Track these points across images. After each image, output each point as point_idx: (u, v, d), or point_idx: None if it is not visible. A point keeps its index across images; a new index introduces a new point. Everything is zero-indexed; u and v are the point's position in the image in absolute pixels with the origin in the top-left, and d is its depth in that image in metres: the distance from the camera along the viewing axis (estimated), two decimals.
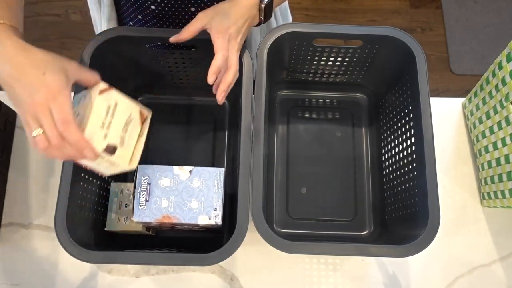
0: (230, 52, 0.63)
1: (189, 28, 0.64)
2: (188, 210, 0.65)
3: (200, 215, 0.65)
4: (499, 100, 0.74)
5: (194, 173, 0.67)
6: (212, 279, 0.78)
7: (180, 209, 0.65)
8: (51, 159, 0.83)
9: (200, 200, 0.66)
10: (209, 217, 0.65)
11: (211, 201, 0.66)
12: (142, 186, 0.66)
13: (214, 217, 0.65)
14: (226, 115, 0.88)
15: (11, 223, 0.80)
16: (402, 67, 0.76)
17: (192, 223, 0.65)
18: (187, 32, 0.64)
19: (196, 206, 0.66)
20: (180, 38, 0.64)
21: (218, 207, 0.66)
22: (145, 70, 0.81)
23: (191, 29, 0.63)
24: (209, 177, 0.67)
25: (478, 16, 1.91)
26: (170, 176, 0.67)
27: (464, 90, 1.78)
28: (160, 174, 0.67)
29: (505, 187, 0.73)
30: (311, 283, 0.78)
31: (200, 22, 0.63)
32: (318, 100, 0.91)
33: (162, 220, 0.65)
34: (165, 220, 0.65)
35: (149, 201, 0.66)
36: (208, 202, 0.66)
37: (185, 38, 0.64)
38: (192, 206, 0.66)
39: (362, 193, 0.84)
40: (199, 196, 0.66)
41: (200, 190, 0.66)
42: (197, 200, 0.66)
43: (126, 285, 0.77)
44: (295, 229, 0.81)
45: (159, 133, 0.86)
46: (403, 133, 0.76)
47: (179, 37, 0.64)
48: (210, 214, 0.65)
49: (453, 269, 0.80)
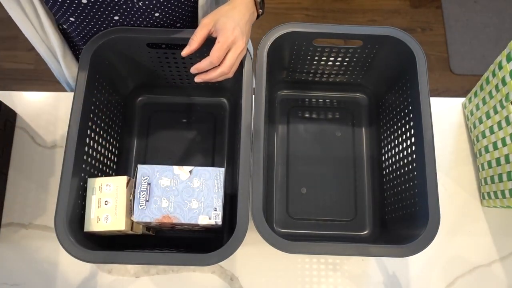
0: (230, 55, 0.64)
1: (197, 37, 0.64)
2: (188, 210, 0.65)
3: (200, 215, 0.65)
4: (499, 100, 0.74)
5: (194, 173, 0.67)
6: (212, 279, 0.78)
7: (180, 209, 0.65)
8: (51, 159, 0.83)
9: (200, 200, 0.66)
10: (209, 217, 0.65)
11: (211, 201, 0.66)
12: (142, 186, 0.66)
13: (214, 217, 0.65)
14: (226, 115, 0.88)
15: (11, 223, 0.80)
16: (402, 67, 0.76)
17: (192, 223, 0.65)
18: (196, 42, 0.64)
19: (196, 206, 0.66)
20: (191, 50, 0.65)
21: (218, 207, 0.66)
22: (145, 70, 0.81)
23: (198, 37, 0.64)
24: (209, 177, 0.67)
25: (478, 16, 1.91)
26: (170, 176, 0.67)
27: (464, 90, 1.78)
28: (160, 174, 0.67)
29: (505, 187, 0.73)
30: (311, 283, 0.78)
31: (206, 28, 0.64)
32: (318, 100, 0.91)
33: (162, 220, 0.65)
34: (165, 220, 0.65)
35: (149, 201, 0.66)
36: (208, 202, 0.66)
37: (195, 48, 0.65)
38: (192, 206, 0.66)
39: (362, 193, 0.84)
40: (199, 196, 0.66)
41: (200, 190, 0.66)
42: (197, 200, 0.66)
43: (126, 285, 0.77)
44: (295, 229, 0.81)
45: (159, 133, 0.86)
46: (403, 133, 0.76)
47: (190, 49, 0.65)
48: (210, 214, 0.65)
49: (453, 269, 0.80)
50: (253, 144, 0.66)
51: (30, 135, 0.85)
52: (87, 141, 0.69)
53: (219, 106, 0.88)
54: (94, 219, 0.66)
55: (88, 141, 0.70)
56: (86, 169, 0.69)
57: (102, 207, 0.67)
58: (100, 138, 0.74)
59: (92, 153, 0.71)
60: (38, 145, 0.85)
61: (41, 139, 0.85)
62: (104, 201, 0.67)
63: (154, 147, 0.84)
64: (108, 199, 0.67)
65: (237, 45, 0.64)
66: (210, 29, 0.65)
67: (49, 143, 0.85)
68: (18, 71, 1.77)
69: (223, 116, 0.87)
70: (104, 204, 0.67)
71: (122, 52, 0.74)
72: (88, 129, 0.70)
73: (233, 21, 0.64)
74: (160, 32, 0.72)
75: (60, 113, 0.87)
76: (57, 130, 0.86)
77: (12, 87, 1.75)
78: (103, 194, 0.67)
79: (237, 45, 0.64)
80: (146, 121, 0.87)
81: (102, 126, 0.75)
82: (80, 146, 0.66)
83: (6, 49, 1.80)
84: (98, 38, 0.70)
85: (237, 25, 0.64)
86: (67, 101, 0.87)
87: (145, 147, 0.85)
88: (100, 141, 0.74)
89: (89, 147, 0.70)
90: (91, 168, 0.71)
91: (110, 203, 0.67)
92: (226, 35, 0.63)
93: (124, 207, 0.66)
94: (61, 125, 0.86)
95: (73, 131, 0.66)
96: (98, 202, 0.67)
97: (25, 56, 1.79)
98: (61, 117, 0.86)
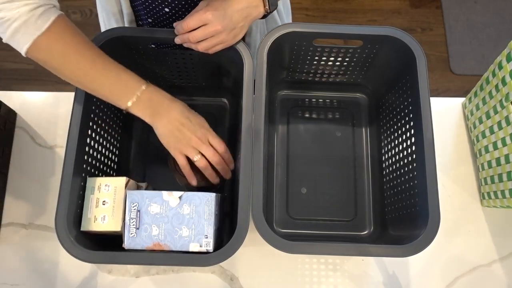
0: (200, 29, 0.65)
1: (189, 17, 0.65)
2: (179, 238, 0.64)
3: (191, 242, 0.63)
4: (499, 100, 0.74)
5: (184, 199, 0.65)
6: (212, 279, 0.78)
7: (170, 237, 0.64)
8: (51, 159, 0.83)
9: (190, 228, 0.64)
10: (200, 244, 0.63)
11: (202, 228, 0.64)
12: (132, 213, 0.64)
13: (205, 245, 0.63)
14: (226, 115, 0.88)
15: (11, 223, 0.80)
16: (402, 67, 0.76)
17: (183, 250, 0.64)
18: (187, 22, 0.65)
19: (187, 233, 0.64)
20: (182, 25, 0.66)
21: (209, 235, 0.64)
22: (145, 70, 0.81)
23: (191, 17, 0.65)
24: (200, 203, 0.65)
25: (478, 16, 1.91)
26: (159, 203, 0.65)
27: (464, 90, 1.78)
28: (149, 201, 0.65)
29: (505, 187, 0.73)
30: (311, 283, 0.78)
31: (199, 7, 0.66)
32: (318, 100, 0.91)
33: (153, 247, 0.63)
34: (156, 247, 0.63)
35: (139, 228, 0.64)
36: (199, 229, 0.64)
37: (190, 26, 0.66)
38: (182, 234, 0.64)
39: (362, 193, 0.84)
40: (190, 223, 0.64)
41: (191, 217, 0.64)
42: (187, 228, 0.64)
43: (126, 285, 0.77)
44: (295, 229, 0.81)
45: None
46: (403, 133, 0.76)
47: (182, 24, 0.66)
48: (201, 241, 0.63)
49: (453, 269, 0.80)
50: (253, 144, 0.66)
51: (30, 135, 0.85)
52: (87, 141, 0.69)
53: (219, 106, 0.88)
54: (91, 219, 0.66)
55: (89, 141, 0.70)
56: (86, 169, 0.69)
57: (100, 207, 0.66)
58: (101, 138, 0.74)
59: (92, 153, 0.71)
60: (38, 145, 0.85)
61: (41, 139, 0.85)
62: (102, 201, 0.67)
63: (155, 147, 0.84)
64: (106, 199, 0.67)
65: (212, 24, 0.64)
66: (203, 6, 0.65)
67: (49, 143, 0.85)
68: (18, 71, 1.77)
69: (223, 116, 0.87)
70: (102, 204, 0.67)
71: (123, 52, 0.74)
72: (89, 129, 0.70)
73: (221, 4, 0.64)
74: (162, 32, 0.71)
75: (60, 113, 0.87)
76: (57, 130, 0.86)
77: (12, 87, 1.75)
78: (101, 194, 0.67)
79: (213, 24, 0.64)
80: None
81: (103, 126, 0.75)
82: (81, 146, 0.66)
83: (6, 49, 1.80)
84: (99, 38, 0.70)
85: (223, 8, 0.64)
86: (67, 101, 0.87)
87: (146, 147, 0.85)
88: (101, 141, 0.74)
89: (89, 147, 0.70)
90: (92, 168, 0.71)
91: (108, 203, 0.66)
92: (205, 10, 0.64)
93: (121, 209, 0.66)
94: (61, 125, 0.86)
95: (74, 131, 0.66)
96: (96, 201, 0.67)
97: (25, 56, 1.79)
98: (61, 117, 0.86)
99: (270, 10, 0.69)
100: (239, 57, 0.71)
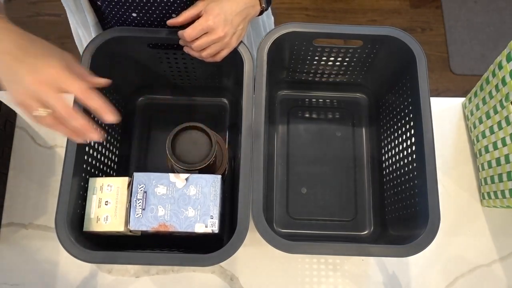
0: (204, 38, 0.64)
1: (186, 13, 0.65)
2: (185, 218, 0.64)
3: (196, 223, 0.64)
4: (499, 100, 0.74)
5: (190, 181, 0.66)
6: (212, 279, 0.78)
7: (176, 217, 0.64)
8: (51, 159, 0.83)
9: (196, 208, 0.65)
10: (206, 225, 0.64)
11: (207, 209, 0.65)
12: (139, 194, 0.65)
13: (211, 225, 0.64)
14: (226, 115, 0.88)
15: (11, 223, 0.80)
16: (402, 67, 0.76)
17: (189, 231, 0.64)
18: (182, 17, 0.65)
19: (193, 214, 0.65)
20: (176, 22, 0.66)
21: (214, 215, 0.65)
22: (145, 70, 0.81)
23: (187, 14, 0.65)
24: (206, 184, 0.66)
25: (478, 16, 1.91)
26: (166, 184, 0.66)
27: (464, 90, 1.78)
28: (156, 182, 0.66)
29: (505, 187, 0.73)
30: (311, 283, 0.78)
31: (196, 9, 0.65)
32: (318, 100, 0.91)
33: (159, 228, 0.64)
34: (162, 228, 0.64)
35: (145, 209, 0.65)
36: (205, 210, 0.65)
37: (180, 22, 0.66)
38: (188, 214, 0.65)
39: (362, 193, 0.84)
40: (196, 204, 0.65)
41: (197, 198, 0.65)
42: (193, 208, 0.65)
43: (126, 285, 0.77)
44: (295, 229, 0.81)
45: (159, 133, 0.86)
46: (403, 133, 0.76)
47: (175, 21, 0.66)
48: (206, 222, 0.64)
49: (453, 269, 0.80)
50: (253, 144, 0.66)
51: (30, 135, 0.85)
52: (87, 141, 0.69)
53: (219, 106, 0.88)
54: (94, 219, 0.66)
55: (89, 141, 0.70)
56: (86, 169, 0.69)
57: (102, 207, 0.67)
58: None
59: (92, 153, 0.71)
60: (38, 145, 0.85)
61: (41, 139, 0.85)
62: (104, 201, 0.67)
63: (155, 147, 0.84)
64: (108, 199, 0.67)
65: (215, 31, 0.63)
66: (201, 10, 0.65)
67: (49, 143, 0.85)
68: None
69: (223, 116, 0.88)
70: (105, 205, 0.67)
71: (123, 52, 0.74)
72: None
73: (221, 8, 0.63)
74: (160, 32, 0.71)
75: None
76: None
77: None
78: (103, 194, 0.67)
79: (215, 31, 0.63)
80: (147, 121, 0.87)
81: (103, 126, 0.75)
82: (80, 146, 0.66)
83: None
84: (99, 38, 0.70)
85: (223, 12, 0.63)
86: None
87: (146, 147, 0.85)
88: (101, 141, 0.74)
89: (90, 147, 0.70)
90: (92, 168, 0.71)
91: (111, 203, 0.67)
92: (206, 18, 0.63)
93: (124, 208, 0.66)
94: None
95: None
96: (98, 202, 0.67)
97: None
98: None
99: (266, 7, 0.69)
100: (239, 57, 0.71)
